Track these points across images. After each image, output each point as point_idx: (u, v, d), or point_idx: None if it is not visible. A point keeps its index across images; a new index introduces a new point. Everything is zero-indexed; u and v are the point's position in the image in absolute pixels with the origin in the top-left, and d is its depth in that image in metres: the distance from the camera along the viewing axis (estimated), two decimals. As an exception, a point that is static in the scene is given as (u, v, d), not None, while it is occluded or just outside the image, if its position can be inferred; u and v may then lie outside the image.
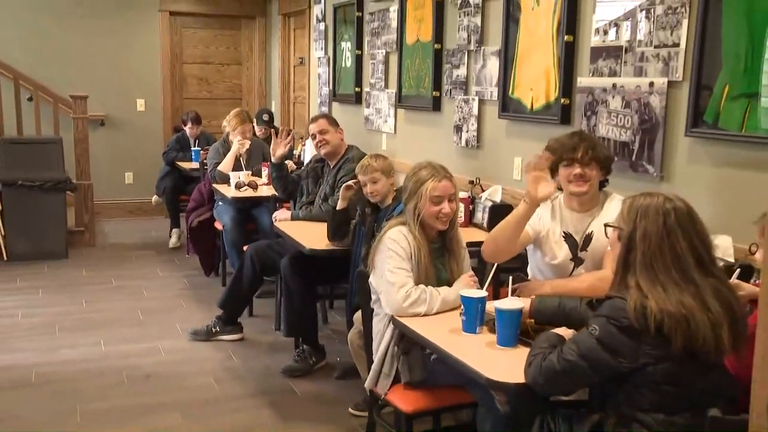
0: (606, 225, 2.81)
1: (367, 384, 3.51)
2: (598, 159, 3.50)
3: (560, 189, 3.61)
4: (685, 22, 3.80)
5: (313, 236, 4.87)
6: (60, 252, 7.93)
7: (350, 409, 4.42)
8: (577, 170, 3.50)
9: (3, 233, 7.86)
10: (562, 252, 3.59)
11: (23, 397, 4.72)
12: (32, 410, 4.54)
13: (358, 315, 4.14)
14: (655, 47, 3.97)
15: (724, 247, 3.35)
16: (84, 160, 8.60)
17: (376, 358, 3.47)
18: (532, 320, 3.00)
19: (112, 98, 9.97)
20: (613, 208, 3.46)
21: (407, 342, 3.37)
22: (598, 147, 3.56)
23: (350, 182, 4.75)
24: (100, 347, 5.52)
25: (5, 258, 7.80)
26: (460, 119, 5.76)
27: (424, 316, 3.25)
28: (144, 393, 4.76)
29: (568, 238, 3.58)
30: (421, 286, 3.32)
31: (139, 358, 5.27)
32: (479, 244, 4.01)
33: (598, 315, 2.53)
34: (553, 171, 3.56)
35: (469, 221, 5.10)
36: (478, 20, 5.50)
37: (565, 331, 2.73)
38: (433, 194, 3.43)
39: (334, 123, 5.60)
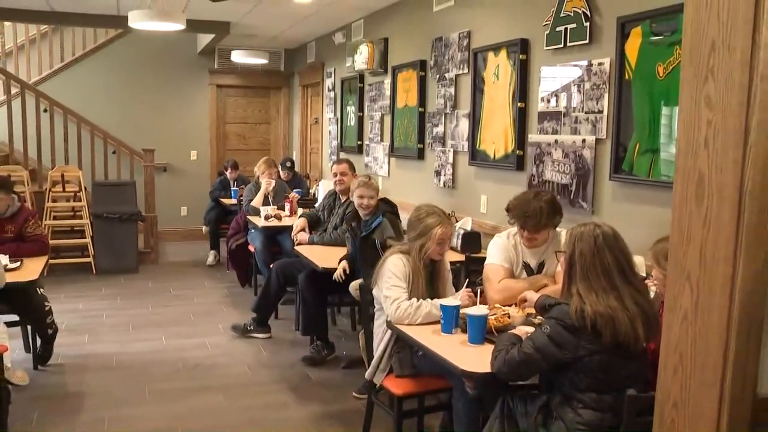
0: (556, 252, 2.86)
1: (368, 374, 3.49)
2: (545, 226, 3.47)
3: None
4: (606, 96, 3.84)
5: (324, 257, 4.86)
6: (133, 268, 7.91)
7: (354, 393, 4.40)
8: (526, 234, 3.50)
9: (93, 253, 7.86)
10: (523, 275, 3.59)
11: (107, 377, 4.73)
12: (113, 387, 4.55)
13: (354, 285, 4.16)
14: (586, 113, 4.00)
15: (638, 265, 3.35)
16: (151, 198, 8.61)
17: (376, 355, 3.45)
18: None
19: (172, 150, 9.98)
20: (556, 244, 3.48)
21: (400, 344, 3.36)
22: (548, 216, 3.45)
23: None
24: (162, 341, 5.50)
25: (94, 272, 7.80)
26: (439, 165, 5.77)
27: (409, 324, 3.19)
28: (194, 377, 4.74)
29: (526, 266, 3.58)
30: (413, 300, 3.27)
31: (190, 351, 5.25)
32: (454, 263, 4.04)
33: (549, 317, 2.56)
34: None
35: (446, 245, 5.11)
36: (452, 90, 5.53)
37: (520, 331, 2.73)
38: (440, 238, 3.40)
39: (352, 168, 5.59)
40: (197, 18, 7.47)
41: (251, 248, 6.80)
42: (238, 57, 9.29)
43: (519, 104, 4.61)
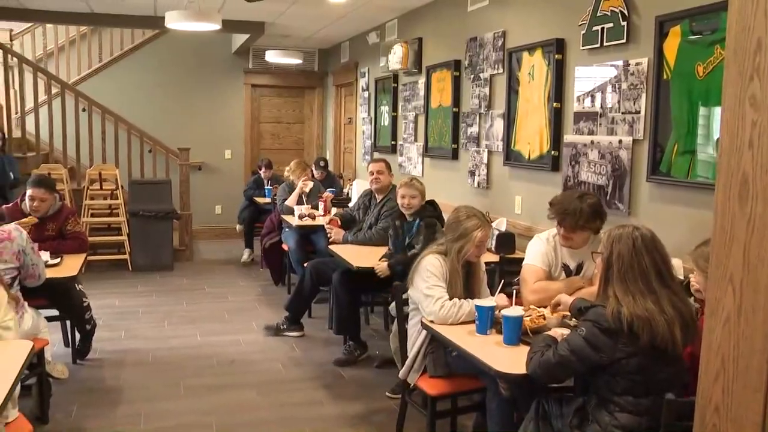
0: (593, 252, 2.83)
1: (401, 374, 3.49)
2: (582, 228, 3.42)
3: None
4: (643, 96, 3.79)
5: (359, 256, 4.87)
6: (168, 265, 8.01)
7: (387, 393, 4.39)
8: (562, 232, 3.47)
9: (129, 250, 7.97)
10: (562, 277, 3.54)
11: (143, 372, 4.79)
12: (149, 381, 4.61)
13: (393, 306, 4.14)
14: (622, 113, 3.96)
15: (675, 268, 3.31)
16: (186, 196, 8.70)
17: (410, 355, 3.45)
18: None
19: (207, 149, 10.08)
20: (596, 245, 3.44)
21: (434, 344, 3.36)
22: (586, 218, 3.38)
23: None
24: (197, 338, 5.55)
25: (130, 269, 7.91)
26: (473, 166, 5.75)
27: (452, 324, 3.18)
28: (228, 373, 4.78)
29: (565, 268, 3.55)
30: (455, 299, 3.26)
31: (225, 347, 5.29)
32: (488, 263, 4.02)
33: (585, 319, 2.53)
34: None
35: (480, 245, 5.08)
36: (486, 90, 5.51)
37: (555, 333, 2.71)
38: (479, 241, 3.39)
39: (389, 168, 5.59)
40: (232, 18, 7.53)
41: (285, 247, 6.83)
42: (272, 57, 9.35)
43: (554, 104, 4.57)
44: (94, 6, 7.38)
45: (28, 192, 4.76)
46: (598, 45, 4.13)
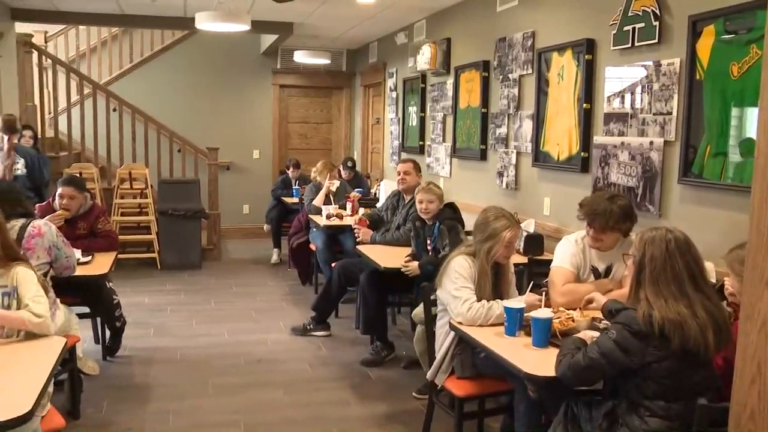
0: (624, 254, 2.80)
1: (429, 375, 3.48)
2: (612, 228, 3.39)
3: None
4: (675, 96, 3.75)
5: (386, 257, 4.87)
6: (196, 264, 8.07)
7: (414, 393, 4.38)
8: (592, 233, 3.44)
9: (158, 249, 8.05)
10: (590, 279, 3.51)
11: (171, 370, 4.84)
12: (177, 379, 4.66)
13: (416, 312, 4.11)
14: (654, 114, 3.92)
15: (708, 271, 3.26)
16: (214, 196, 8.76)
17: (438, 356, 3.44)
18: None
19: (236, 149, 10.15)
20: (625, 247, 3.41)
21: (461, 345, 3.35)
22: (616, 219, 3.36)
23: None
24: (225, 336, 5.59)
25: (159, 267, 7.99)
26: (501, 167, 5.72)
27: (480, 326, 3.16)
28: (256, 372, 4.81)
29: (594, 270, 3.51)
30: (483, 301, 3.23)
31: (252, 346, 5.32)
32: (516, 265, 4.00)
33: (616, 322, 2.50)
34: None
35: (508, 246, 5.05)
36: (515, 91, 5.48)
37: (585, 336, 2.69)
38: (508, 241, 3.37)
39: (417, 168, 5.59)
40: (261, 19, 7.58)
41: (312, 247, 6.86)
42: (300, 57, 9.39)
43: (584, 105, 4.54)
44: (125, 7, 7.47)
45: (58, 190, 4.84)
46: (629, 45, 4.09)
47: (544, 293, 3.12)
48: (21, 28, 7.92)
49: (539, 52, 5.11)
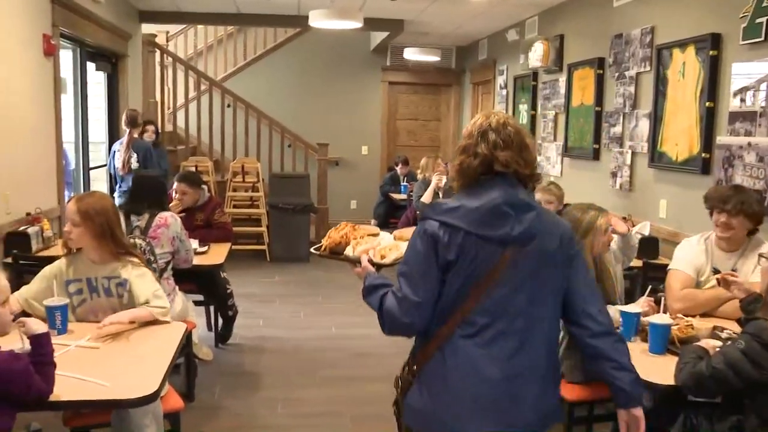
0: (761, 255, 2.66)
1: None
2: (746, 213, 3.22)
3: None
4: (814, 93, 3.54)
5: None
6: (305, 257, 8.21)
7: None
8: (723, 219, 3.27)
9: (268, 241, 8.30)
10: (711, 282, 3.34)
11: (281, 359, 5.00)
12: (286, 369, 4.80)
13: None
14: (787, 112, 3.71)
15: None
16: (323, 190, 8.96)
17: None
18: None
19: (345, 145, 10.31)
20: (751, 248, 3.26)
21: (571, 349, 3.28)
22: (750, 203, 3.23)
23: None
24: (332, 330, 5.70)
25: (268, 259, 8.24)
26: (615, 167, 5.57)
27: None
28: (362, 366, 4.88)
29: (716, 273, 3.34)
30: None
31: (359, 340, 5.39)
32: (630, 268, 3.89)
33: (745, 332, 2.37)
34: (711, 214, 3.38)
35: (621, 249, 4.90)
36: (632, 89, 5.32)
37: (707, 345, 2.58)
38: (605, 228, 3.27)
39: None
40: (373, 16, 7.66)
41: (419, 243, 6.86)
42: (410, 54, 9.43)
43: (707, 104, 4.35)
44: (242, 7, 7.73)
45: (174, 185, 5.10)
46: (762, 39, 3.88)
47: (662, 299, 3.01)
48: (146, 29, 8.34)
49: (658, 48, 4.93)
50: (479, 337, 2.03)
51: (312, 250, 2.75)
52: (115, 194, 6.59)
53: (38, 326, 2.30)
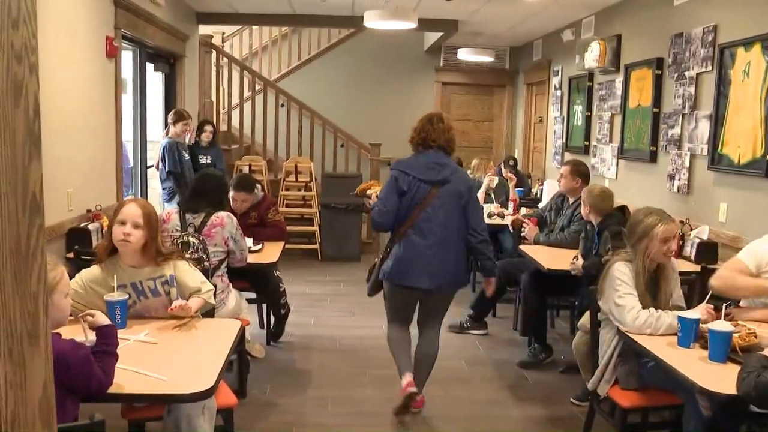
0: None
1: (590, 385, 3.39)
2: None
3: None
4: None
5: (549, 258, 4.78)
6: (356, 256, 8.30)
7: (572, 399, 4.28)
8: None
9: (320, 240, 8.36)
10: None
11: (331, 358, 5.05)
12: (336, 367, 4.85)
13: (582, 322, 4.00)
14: None
15: None
16: (375, 191, 8.97)
17: (600, 366, 3.34)
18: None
19: (397, 145, 10.18)
20: None
21: (625, 355, 3.23)
22: None
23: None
24: (381, 330, 5.64)
25: (320, 258, 8.30)
26: (673, 170, 5.45)
27: (650, 335, 3.02)
28: (412, 367, 4.88)
29: None
30: (651, 309, 3.09)
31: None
32: (688, 273, 3.80)
33: None
34: None
35: (679, 254, 4.76)
36: (692, 89, 5.20)
37: (770, 354, 2.51)
38: (662, 236, 3.21)
39: (574, 172, 5.33)
40: (427, 17, 7.65)
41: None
42: (464, 55, 9.39)
43: (772, 105, 4.24)
44: (297, 8, 7.80)
45: (231, 194, 4.92)
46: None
47: (724, 307, 2.93)
48: (202, 30, 8.48)
49: (721, 47, 4.81)
50: (420, 234, 3.81)
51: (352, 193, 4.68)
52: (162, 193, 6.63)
53: (105, 319, 2.42)
